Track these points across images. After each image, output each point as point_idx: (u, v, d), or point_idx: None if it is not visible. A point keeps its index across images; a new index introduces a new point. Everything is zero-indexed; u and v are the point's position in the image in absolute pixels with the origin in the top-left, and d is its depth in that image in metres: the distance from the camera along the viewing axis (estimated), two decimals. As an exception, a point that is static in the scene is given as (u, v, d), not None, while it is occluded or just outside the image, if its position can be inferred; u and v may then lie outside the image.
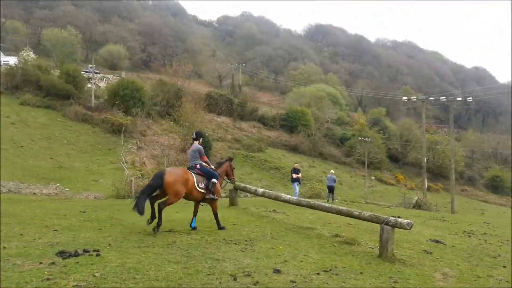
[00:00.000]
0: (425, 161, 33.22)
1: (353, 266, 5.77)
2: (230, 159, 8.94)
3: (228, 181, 8.89)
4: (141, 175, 23.27)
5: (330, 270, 5.44)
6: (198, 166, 7.86)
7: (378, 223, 6.63)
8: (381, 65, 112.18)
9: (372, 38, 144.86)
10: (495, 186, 68.17)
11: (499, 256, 7.72)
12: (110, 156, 33.48)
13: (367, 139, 53.94)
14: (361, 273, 5.44)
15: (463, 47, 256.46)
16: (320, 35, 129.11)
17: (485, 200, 60.76)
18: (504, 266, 6.76)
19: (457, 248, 8.09)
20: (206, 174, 7.86)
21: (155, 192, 7.32)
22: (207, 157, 8.40)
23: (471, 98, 33.20)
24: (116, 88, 42.55)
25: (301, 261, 5.88)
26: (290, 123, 59.41)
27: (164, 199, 7.30)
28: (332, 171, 23.09)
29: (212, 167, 8.23)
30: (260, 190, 11.34)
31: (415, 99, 35.12)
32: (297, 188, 18.03)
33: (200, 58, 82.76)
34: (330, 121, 68.31)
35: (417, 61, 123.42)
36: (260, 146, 51.54)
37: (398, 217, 13.45)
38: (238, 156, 46.88)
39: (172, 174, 7.31)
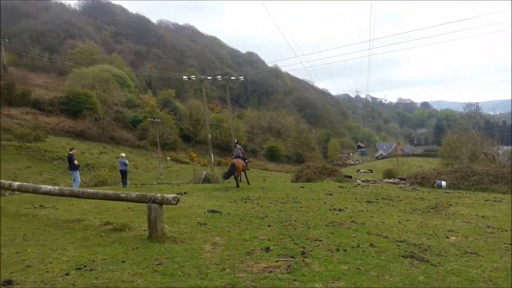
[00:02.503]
0: (209, 137, 35.29)
1: (116, 255, 5.08)
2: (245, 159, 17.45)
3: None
4: None
5: (85, 266, 4.61)
6: (240, 155, 16.87)
7: (145, 202, 6.11)
8: (166, 47, 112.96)
9: (154, 19, 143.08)
10: (272, 156, 79.42)
11: (267, 216, 8.29)
12: None
13: (157, 120, 53.73)
14: (123, 261, 4.80)
15: (237, 34, 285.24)
16: (99, 12, 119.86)
17: (266, 168, 70.13)
18: (269, 225, 7.19)
19: (231, 215, 8.33)
20: (244, 160, 16.98)
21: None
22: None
23: (242, 77, 36.90)
24: None
25: (51, 262, 4.82)
26: (72, 107, 53.65)
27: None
28: (122, 154, 21.35)
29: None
30: (16, 184, 9.29)
31: (194, 78, 36.66)
32: (78, 176, 16.00)
33: None
34: (119, 104, 65.09)
35: (198, 45, 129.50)
36: (37, 134, 45.01)
37: (185, 193, 13.67)
38: (9, 149, 39.47)
39: (238, 161, 15.90)
